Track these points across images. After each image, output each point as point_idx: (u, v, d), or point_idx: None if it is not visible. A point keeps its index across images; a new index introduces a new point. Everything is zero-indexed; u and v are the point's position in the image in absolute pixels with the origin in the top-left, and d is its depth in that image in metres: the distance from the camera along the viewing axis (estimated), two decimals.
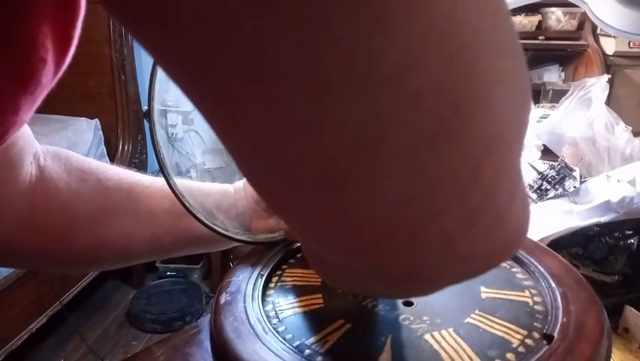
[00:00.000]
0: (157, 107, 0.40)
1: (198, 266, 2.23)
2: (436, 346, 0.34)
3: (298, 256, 0.46)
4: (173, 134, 2.24)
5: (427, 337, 0.34)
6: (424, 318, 0.36)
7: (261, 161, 0.16)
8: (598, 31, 2.05)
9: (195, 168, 2.25)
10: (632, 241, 0.71)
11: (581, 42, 2.08)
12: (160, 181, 0.46)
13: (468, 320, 0.36)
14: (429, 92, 0.13)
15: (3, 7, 0.26)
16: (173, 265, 2.22)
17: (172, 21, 0.13)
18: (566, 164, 0.83)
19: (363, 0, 0.12)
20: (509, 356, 0.32)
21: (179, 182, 0.43)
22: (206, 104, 0.15)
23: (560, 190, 0.80)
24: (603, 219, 0.69)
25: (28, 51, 0.28)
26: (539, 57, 2.15)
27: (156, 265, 2.23)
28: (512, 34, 0.16)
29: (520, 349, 0.33)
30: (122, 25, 0.15)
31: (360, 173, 0.15)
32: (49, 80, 0.30)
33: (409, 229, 0.16)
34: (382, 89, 0.13)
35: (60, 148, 0.46)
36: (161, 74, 0.39)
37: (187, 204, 0.42)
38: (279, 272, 0.44)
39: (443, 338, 0.34)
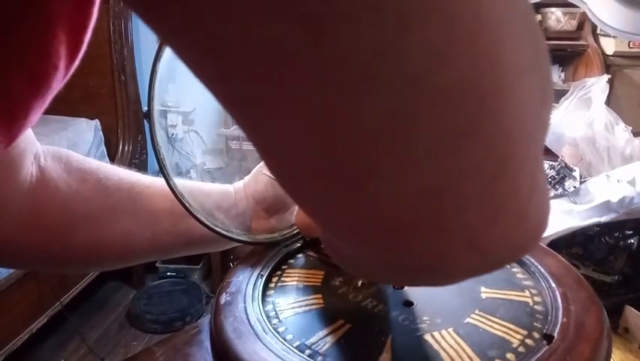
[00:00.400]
0: (157, 107, 0.40)
1: (198, 266, 2.23)
2: (436, 346, 0.34)
3: (298, 256, 0.46)
4: (173, 134, 2.24)
5: (427, 337, 0.34)
6: (424, 318, 0.36)
7: (284, 155, 0.16)
8: (598, 31, 2.04)
9: (195, 169, 2.25)
10: (632, 240, 0.71)
11: (581, 42, 2.07)
12: (160, 181, 0.46)
13: (468, 320, 0.36)
14: (455, 88, 0.13)
15: (23, 15, 0.26)
16: (173, 266, 2.22)
17: (192, 21, 0.13)
18: (565, 164, 0.83)
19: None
20: (509, 356, 0.32)
21: (179, 182, 0.43)
22: (229, 102, 0.16)
23: (560, 190, 0.80)
24: (603, 219, 0.69)
25: (43, 58, 0.28)
26: None
27: (156, 265, 2.23)
28: (534, 27, 0.16)
29: (520, 349, 0.33)
30: (142, 20, 0.15)
31: (383, 168, 0.15)
32: (58, 84, 0.30)
33: (431, 223, 0.16)
34: (408, 87, 0.13)
35: (60, 148, 0.46)
36: (161, 74, 0.39)
37: (187, 205, 0.42)
38: (279, 272, 0.44)
39: (443, 338, 0.34)
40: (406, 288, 0.40)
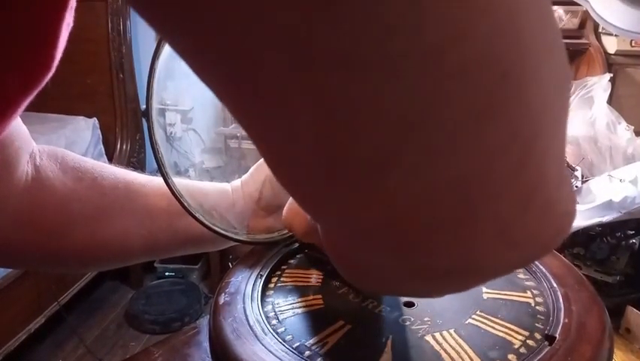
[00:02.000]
0: (155, 105, 0.40)
1: (197, 267, 2.23)
2: (437, 347, 0.33)
3: (298, 256, 0.46)
4: (171, 133, 2.23)
5: (428, 338, 0.34)
6: (425, 319, 0.36)
7: (295, 154, 0.15)
8: (600, 30, 2.04)
9: (194, 168, 2.24)
10: (634, 240, 0.71)
11: (583, 41, 2.07)
12: (156, 180, 0.46)
13: (469, 320, 0.35)
14: (475, 63, 0.13)
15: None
16: (171, 266, 2.22)
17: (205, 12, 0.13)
18: (567, 163, 0.83)
19: None
20: (511, 357, 0.32)
21: (178, 181, 0.42)
22: (235, 97, 0.15)
23: None
24: (605, 218, 0.68)
25: (49, 64, 0.28)
26: None
27: (155, 265, 2.23)
28: (550, 9, 0.15)
29: (522, 350, 0.33)
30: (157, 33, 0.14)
31: (405, 156, 0.14)
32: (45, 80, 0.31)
33: (460, 214, 0.15)
34: (423, 64, 0.12)
35: (56, 147, 0.46)
36: (159, 72, 0.39)
37: (186, 204, 0.42)
38: (278, 273, 0.43)
39: (444, 338, 0.34)
40: None
